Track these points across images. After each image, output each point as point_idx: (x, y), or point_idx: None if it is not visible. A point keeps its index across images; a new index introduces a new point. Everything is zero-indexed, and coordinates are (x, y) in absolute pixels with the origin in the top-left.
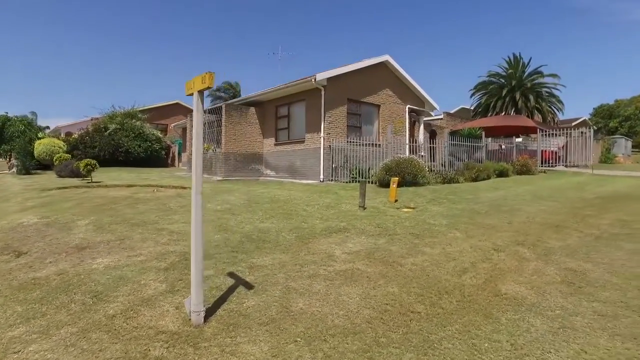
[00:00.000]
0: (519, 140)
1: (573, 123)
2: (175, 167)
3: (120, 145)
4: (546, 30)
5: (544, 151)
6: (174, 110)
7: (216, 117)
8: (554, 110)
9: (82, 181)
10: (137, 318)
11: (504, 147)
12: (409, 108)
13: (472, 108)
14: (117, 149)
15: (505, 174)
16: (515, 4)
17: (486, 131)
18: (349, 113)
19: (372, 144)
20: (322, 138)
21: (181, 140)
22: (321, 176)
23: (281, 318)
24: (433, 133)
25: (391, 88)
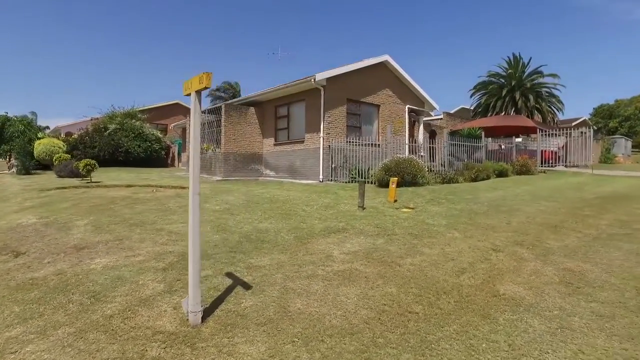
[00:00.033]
0: (519, 140)
1: (573, 123)
2: (175, 167)
3: (120, 145)
4: (546, 29)
5: (544, 151)
6: (174, 110)
7: (216, 117)
8: (554, 110)
9: (82, 181)
10: (135, 318)
11: (504, 147)
12: (409, 108)
13: (472, 108)
14: (117, 149)
15: (504, 174)
16: (515, 4)
17: (486, 131)
18: (349, 113)
19: (372, 144)
20: (322, 138)
21: (181, 140)
22: (320, 176)
23: (279, 318)
24: (433, 133)
25: (391, 88)
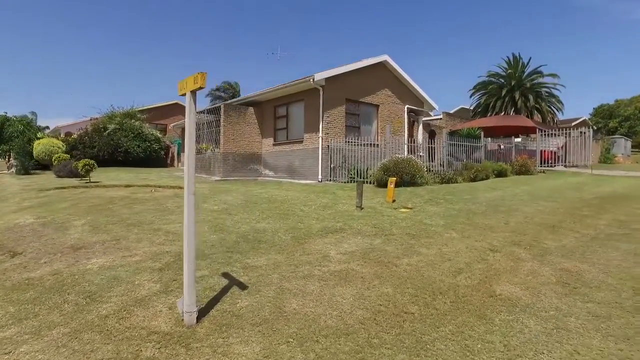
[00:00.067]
0: (518, 140)
1: (573, 123)
2: (174, 167)
3: (119, 145)
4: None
5: (543, 151)
6: (173, 110)
7: (215, 117)
8: (554, 110)
9: (81, 181)
10: (130, 318)
11: (503, 147)
12: (408, 108)
13: (472, 108)
14: (116, 149)
15: (504, 174)
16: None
17: (485, 131)
18: (348, 113)
19: (371, 144)
20: (321, 138)
21: (180, 140)
22: (319, 176)
23: (274, 319)
24: (432, 133)
25: (390, 88)
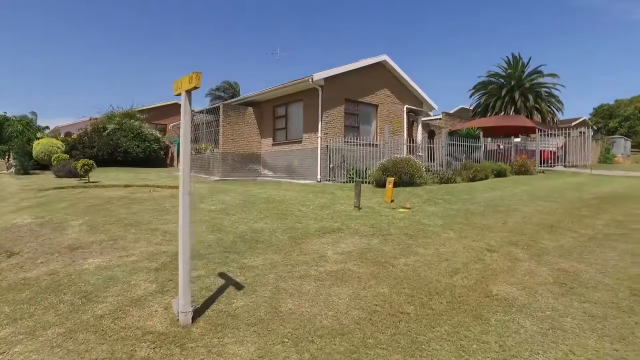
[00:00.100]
0: (518, 140)
1: (573, 123)
2: (173, 167)
3: (118, 145)
4: (546, 30)
5: (543, 151)
6: (173, 110)
7: (214, 117)
8: (554, 110)
9: (80, 181)
10: (125, 318)
11: (502, 147)
12: (407, 108)
13: (472, 108)
14: (116, 149)
15: (503, 174)
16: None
17: (485, 131)
18: (347, 113)
19: (370, 144)
20: (320, 138)
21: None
22: (318, 176)
23: (269, 319)
24: (432, 133)
25: (389, 88)
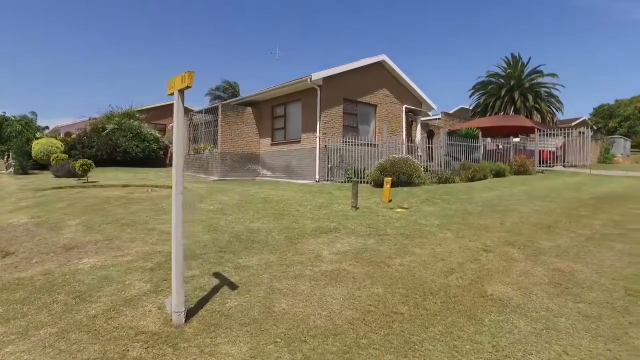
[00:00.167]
0: (517, 140)
1: (573, 123)
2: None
3: (118, 145)
4: (546, 29)
5: (542, 151)
6: (172, 110)
7: (213, 117)
8: (553, 110)
9: (78, 181)
10: (119, 318)
11: (501, 147)
12: (406, 108)
13: (471, 108)
14: (115, 149)
15: (502, 174)
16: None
17: (484, 131)
18: (345, 113)
19: (369, 144)
20: (318, 138)
21: None
22: (317, 176)
23: (263, 319)
24: (431, 133)
25: (388, 88)
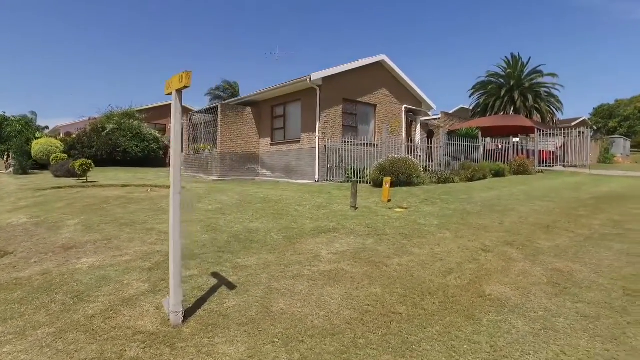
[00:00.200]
0: (516, 140)
1: (573, 123)
2: None
3: (117, 145)
4: (546, 29)
5: (542, 151)
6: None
7: (212, 117)
8: (553, 110)
9: (78, 181)
10: (117, 318)
11: (501, 147)
12: (406, 108)
13: (471, 108)
14: (115, 149)
15: (501, 174)
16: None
17: (484, 131)
18: (345, 113)
19: (368, 144)
20: (318, 138)
21: None
22: (316, 176)
23: (261, 319)
24: (431, 133)
25: (388, 88)
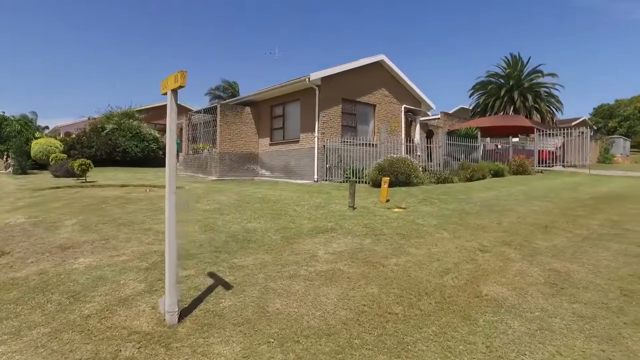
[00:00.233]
0: (516, 140)
1: (573, 123)
2: None
3: (117, 145)
4: (546, 29)
5: (542, 151)
6: None
7: (211, 117)
8: (553, 110)
9: (77, 181)
10: (112, 318)
11: (501, 147)
12: (405, 108)
13: (471, 108)
14: (114, 149)
15: (500, 174)
16: (515, 4)
17: (484, 131)
18: (344, 113)
19: (367, 144)
20: (316, 138)
21: (179, 140)
22: (315, 176)
23: (256, 319)
24: (430, 133)
25: (387, 88)
